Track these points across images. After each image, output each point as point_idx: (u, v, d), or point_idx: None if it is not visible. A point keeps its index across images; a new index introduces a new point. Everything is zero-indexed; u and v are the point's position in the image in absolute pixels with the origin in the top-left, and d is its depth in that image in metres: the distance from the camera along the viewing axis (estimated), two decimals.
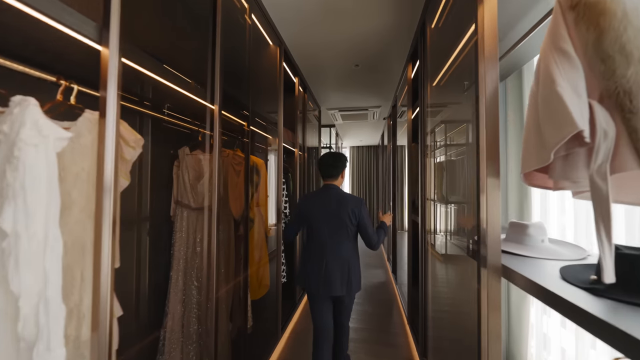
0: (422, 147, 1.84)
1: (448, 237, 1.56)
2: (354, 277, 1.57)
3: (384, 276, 3.85)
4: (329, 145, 5.17)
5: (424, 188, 1.77)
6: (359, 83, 3.07)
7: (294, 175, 2.68)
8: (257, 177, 1.77)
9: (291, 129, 2.70)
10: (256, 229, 1.85)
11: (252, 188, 1.74)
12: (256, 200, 1.85)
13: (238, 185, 1.56)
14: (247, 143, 1.60)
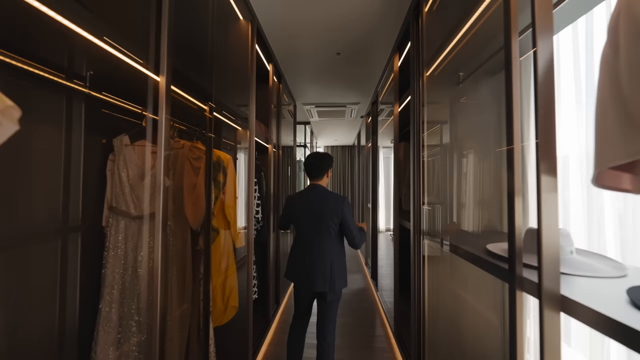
0: (417, 145, 1.64)
1: (450, 246, 1.36)
2: (337, 275, 1.59)
3: (362, 282, 3.66)
4: (304, 143, 4.89)
5: (419, 190, 1.56)
6: (340, 75, 2.84)
7: (268, 174, 2.36)
8: (223, 176, 1.44)
9: (264, 122, 2.38)
10: (222, 240, 1.51)
11: (217, 189, 1.41)
12: (222, 205, 1.52)
13: (197, 186, 1.22)
14: (209, 133, 1.27)
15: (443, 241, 1.38)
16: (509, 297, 0.79)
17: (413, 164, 1.66)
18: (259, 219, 2.07)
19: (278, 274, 2.74)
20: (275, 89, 2.70)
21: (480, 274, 1.54)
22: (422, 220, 1.61)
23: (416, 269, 1.62)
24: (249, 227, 1.75)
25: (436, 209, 1.55)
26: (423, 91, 1.55)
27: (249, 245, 1.74)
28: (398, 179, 2.14)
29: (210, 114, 1.27)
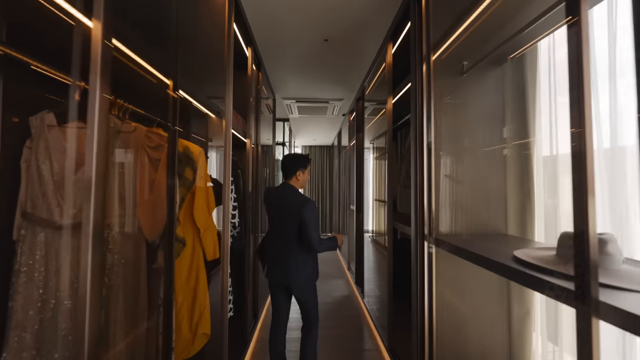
0: (418, 136, 1.45)
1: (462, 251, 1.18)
2: (297, 272, 1.62)
3: (346, 288, 3.45)
4: (283, 142, 4.61)
5: (421, 189, 1.38)
6: (325, 66, 2.62)
7: (246, 172, 2.07)
8: (192, 171, 1.15)
9: (242, 115, 2.10)
10: (190, 253, 1.22)
11: (184, 188, 1.12)
12: (190, 208, 1.22)
13: (156, 184, 0.93)
14: (174, 117, 0.98)
15: (455, 246, 1.20)
16: (578, 326, 0.61)
17: (415, 159, 1.48)
18: (236, 224, 1.78)
19: (256, 284, 2.44)
20: (254, 78, 2.41)
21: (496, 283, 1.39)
22: (424, 222, 1.43)
23: (419, 277, 1.43)
24: (224, 233, 1.47)
25: (443, 209, 1.38)
26: (430, 75, 1.37)
27: (224, 255, 1.45)
28: (391, 178, 1.96)
29: (175, 91, 0.98)
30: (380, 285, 2.50)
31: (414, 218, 1.48)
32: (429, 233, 1.33)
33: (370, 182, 3.37)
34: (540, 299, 1.36)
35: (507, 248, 1.29)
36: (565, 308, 1.22)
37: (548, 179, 1.37)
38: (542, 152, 1.39)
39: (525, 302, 1.41)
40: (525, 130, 1.46)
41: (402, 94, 1.95)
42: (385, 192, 2.74)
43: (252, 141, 2.32)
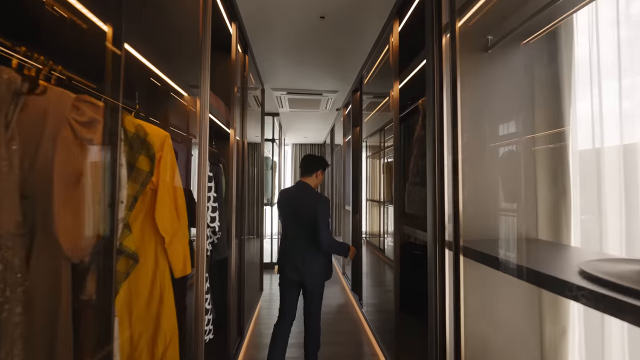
0: (437, 129, 1.21)
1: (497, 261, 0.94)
2: (309, 268, 1.66)
3: (341, 295, 3.19)
4: (273, 138, 4.31)
5: (451, 190, 1.12)
6: (321, 49, 2.35)
7: (228, 169, 1.78)
8: (148, 161, 0.85)
9: (225, 102, 1.80)
10: (150, 270, 0.93)
11: (136, 184, 0.82)
12: (149, 210, 0.93)
13: (86, 177, 0.63)
14: (114, 82, 0.68)
15: (491, 257, 0.96)
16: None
17: (433, 151, 1.23)
18: (216, 229, 1.49)
19: (241, 296, 2.14)
20: (239, 63, 2.12)
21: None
22: (445, 226, 1.18)
23: (438, 291, 1.18)
24: (198, 241, 1.17)
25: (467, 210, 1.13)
26: (455, 46, 1.12)
27: (199, 269, 1.16)
28: (400, 174, 1.71)
29: (118, 46, 0.68)
30: (381, 294, 2.25)
31: (432, 221, 1.22)
32: (454, 240, 1.08)
33: (363, 181, 3.13)
34: (578, 315, 1.13)
35: (553, 258, 1.06)
36: (613, 325, 1.00)
37: (588, 176, 1.15)
38: (579, 144, 1.17)
39: (561, 319, 1.19)
40: (559, 118, 1.23)
41: (411, 78, 1.70)
42: (380, 191, 2.50)
43: (238, 134, 2.02)
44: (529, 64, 1.27)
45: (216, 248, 1.56)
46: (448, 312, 1.17)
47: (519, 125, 1.27)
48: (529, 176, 1.24)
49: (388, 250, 2.32)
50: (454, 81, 1.11)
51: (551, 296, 1.16)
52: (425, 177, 1.54)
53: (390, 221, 2.31)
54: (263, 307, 2.87)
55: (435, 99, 1.23)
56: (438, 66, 1.23)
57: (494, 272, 1.05)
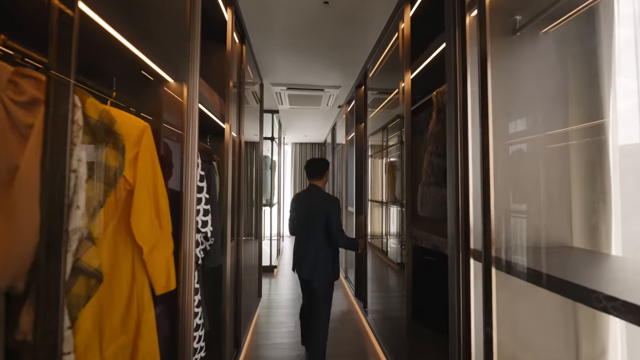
0: (460, 121, 1.05)
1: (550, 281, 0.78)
2: (321, 266, 1.78)
3: (344, 301, 3.04)
4: (272, 136, 4.16)
5: (481, 191, 0.97)
6: (323, 40, 2.19)
7: (223, 167, 1.62)
8: (117, 155, 0.69)
9: (220, 94, 1.64)
10: (126, 287, 0.77)
11: (99, 183, 0.66)
12: (122, 215, 0.77)
13: (23, 173, 0.47)
14: (62, 50, 0.52)
15: (540, 273, 0.81)
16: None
17: (455, 146, 1.07)
18: (208, 234, 1.33)
19: (238, 306, 1.99)
20: (236, 53, 1.96)
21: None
22: (470, 232, 1.03)
23: (461, 305, 1.03)
24: (187, 249, 1.01)
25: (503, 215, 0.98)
26: (484, 23, 0.96)
27: (186, 283, 1.00)
28: (410, 173, 1.55)
29: (69, 5, 0.53)
30: (388, 301, 2.10)
31: (454, 227, 1.07)
32: (484, 249, 0.93)
33: (368, 181, 2.98)
34: (620, 334, 0.99)
35: (592, 269, 0.91)
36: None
37: (632, 175, 1.00)
38: (621, 138, 1.02)
39: (600, 339, 1.03)
40: (597, 109, 1.07)
41: (423, 68, 1.55)
42: (382, 192, 2.36)
43: (234, 129, 1.86)
44: (562, 48, 1.12)
45: (209, 256, 1.40)
46: (474, 333, 1.01)
47: (550, 118, 1.12)
48: (562, 175, 1.09)
49: (391, 252, 2.18)
50: (483, 65, 0.96)
51: (588, 312, 1.02)
52: (442, 176, 1.39)
53: (392, 222, 2.18)
54: (262, 314, 2.71)
55: (457, 88, 1.08)
56: (461, 50, 1.08)
57: (522, 285, 0.90)
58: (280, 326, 2.47)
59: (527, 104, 1.11)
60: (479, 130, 0.97)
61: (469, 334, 1.02)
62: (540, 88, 1.11)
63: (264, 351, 2.09)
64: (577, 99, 1.10)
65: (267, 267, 3.94)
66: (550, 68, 1.11)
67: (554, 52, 1.12)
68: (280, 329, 2.42)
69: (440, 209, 1.36)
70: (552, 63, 1.12)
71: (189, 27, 1.10)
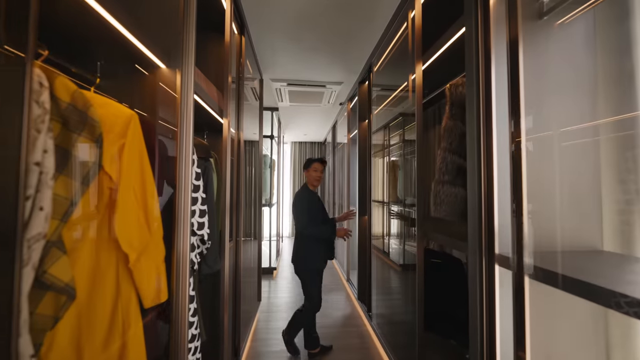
0: (484, 113, 0.96)
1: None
2: (296, 256, 2.06)
3: (346, 305, 2.93)
4: (272, 134, 4.05)
5: (516, 192, 0.87)
6: (326, 31, 2.09)
7: (221, 165, 1.51)
8: (94, 146, 0.59)
9: (218, 87, 1.54)
10: (110, 301, 0.67)
11: (71, 180, 0.56)
12: (105, 218, 0.67)
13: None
14: (22, 17, 0.42)
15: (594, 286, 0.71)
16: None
17: (477, 142, 0.98)
18: (204, 237, 1.22)
19: (237, 311, 1.88)
20: (235, 45, 1.86)
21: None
22: (494, 236, 0.93)
23: (485, 315, 0.93)
24: (178, 254, 0.91)
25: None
26: (516, 3, 0.86)
27: (179, 292, 0.89)
28: (422, 171, 1.45)
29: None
30: (394, 305, 2.00)
31: (475, 230, 0.97)
32: (516, 256, 0.83)
33: (372, 180, 2.88)
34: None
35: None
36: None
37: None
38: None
39: (633, 348, 0.95)
40: (630, 101, 0.98)
41: (435, 59, 1.45)
42: (384, 192, 2.27)
43: (233, 125, 1.76)
44: (593, 34, 1.02)
45: (205, 260, 1.30)
46: (500, 343, 0.92)
47: (578, 111, 1.03)
48: (592, 173, 1.00)
49: (393, 253, 2.09)
50: (514, 51, 0.86)
51: (621, 321, 0.93)
52: (457, 174, 1.29)
53: (394, 223, 2.09)
54: (261, 319, 2.61)
55: (480, 78, 0.98)
56: (483, 35, 0.98)
57: (550, 293, 0.81)
58: (280, 332, 2.36)
59: (553, 97, 1.01)
60: (507, 124, 0.87)
61: (494, 352, 0.92)
62: (568, 79, 1.02)
63: (265, 359, 1.98)
64: (607, 91, 1.00)
65: (266, 268, 3.83)
66: (579, 57, 1.02)
67: (583, 38, 1.03)
68: (280, 335, 2.31)
69: (457, 209, 1.27)
70: (581, 51, 1.02)
71: (184, 9, 0.99)
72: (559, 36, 1.03)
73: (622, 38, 0.96)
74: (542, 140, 0.99)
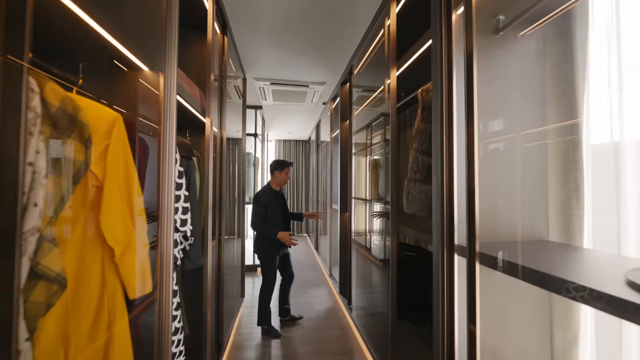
0: (446, 118, 1.06)
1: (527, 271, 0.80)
2: (255, 245, 2.40)
3: (328, 299, 3.03)
4: (255, 133, 4.06)
5: (465, 188, 0.97)
6: (308, 36, 2.15)
7: (204, 163, 1.55)
8: (82, 147, 0.63)
9: (200, 86, 1.57)
10: (96, 294, 0.72)
11: (61, 179, 0.60)
12: (91, 214, 0.71)
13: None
14: (18, 28, 0.46)
15: (527, 269, 0.82)
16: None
17: (440, 143, 1.08)
18: (187, 233, 1.26)
19: (220, 307, 1.92)
20: (217, 43, 1.88)
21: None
22: (454, 229, 1.04)
23: (446, 299, 1.04)
24: (161, 249, 0.95)
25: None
26: (471, 18, 0.97)
27: (163, 284, 0.94)
28: (395, 170, 1.55)
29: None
30: (372, 297, 2.11)
31: (439, 223, 1.08)
32: (468, 245, 0.94)
33: (352, 178, 2.98)
34: (590, 322, 1.04)
35: (574, 263, 0.94)
36: (632, 334, 0.91)
37: (603, 173, 1.05)
38: (593, 137, 1.07)
39: (572, 327, 1.09)
40: (572, 109, 1.12)
41: (409, 65, 1.55)
42: (366, 189, 2.37)
43: (215, 124, 1.79)
44: (542, 49, 1.15)
45: (188, 256, 1.34)
46: (458, 329, 1.03)
47: (529, 117, 1.15)
48: (541, 172, 1.13)
49: (374, 249, 2.20)
50: (469, 63, 0.96)
51: (562, 302, 1.06)
52: (427, 173, 1.40)
53: (376, 219, 2.20)
54: (245, 314, 2.65)
55: (443, 85, 1.08)
56: (447, 47, 1.08)
57: (499, 277, 0.92)
58: None
59: (508, 103, 1.13)
60: (464, 128, 0.98)
61: (453, 330, 1.03)
62: (521, 88, 1.14)
63: (248, 353, 2.04)
64: (554, 99, 1.13)
65: (250, 266, 3.86)
66: (530, 68, 1.14)
67: (534, 52, 1.15)
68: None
69: (426, 205, 1.37)
70: (532, 64, 1.14)
71: (166, 11, 1.03)
72: (513, 50, 1.15)
73: (567, 53, 1.09)
74: (496, 142, 1.11)
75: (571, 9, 1.07)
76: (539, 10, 1.06)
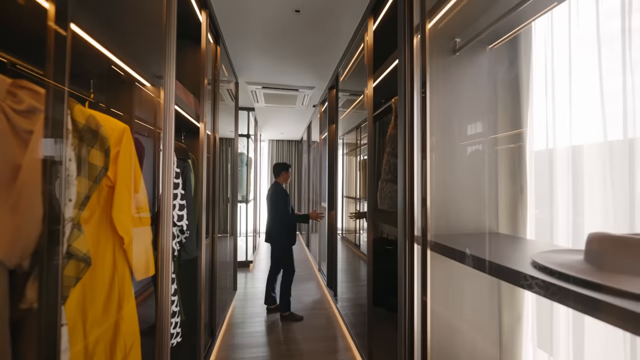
0: (408, 127, 1.23)
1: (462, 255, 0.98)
2: (275, 235, 2.61)
3: (317, 292, 3.21)
4: (248, 134, 4.21)
5: (419, 187, 1.15)
6: (296, 45, 2.31)
7: (198, 164, 1.70)
8: (102, 155, 0.79)
9: (195, 93, 1.72)
10: (108, 274, 0.87)
11: (89, 180, 0.76)
12: (104, 209, 0.86)
13: (24, 173, 0.57)
14: (58, 66, 0.62)
15: (458, 252, 1.00)
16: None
17: (404, 149, 1.26)
18: (183, 228, 1.42)
19: (213, 295, 2.08)
20: (211, 52, 2.03)
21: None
22: (414, 222, 1.22)
23: (407, 285, 1.22)
24: (163, 241, 1.11)
25: (433, 207, 1.17)
26: (424, 47, 1.14)
27: (163, 270, 1.10)
28: (372, 171, 1.73)
29: (62, 25, 0.62)
30: (355, 289, 2.29)
31: (402, 217, 1.25)
32: (422, 234, 1.12)
33: (340, 178, 3.16)
34: (531, 303, 1.23)
35: (510, 251, 1.12)
36: (560, 313, 1.09)
37: (542, 175, 1.24)
38: (535, 145, 1.26)
39: (516, 307, 1.28)
40: (518, 120, 1.31)
41: (385, 77, 1.73)
42: (357, 188, 2.54)
43: (209, 128, 1.94)
44: (493, 68, 1.33)
45: (184, 248, 1.49)
46: (416, 304, 1.21)
47: (483, 126, 1.34)
48: (492, 174, 1.31)
49: (363, 245, 2.37)
50: (423, 82, 1.14)
51: (509, 286, 1.25)
52: (397, 174, 1.58)
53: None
54: (237, 306, 2.81)
55: (406, 99, 1.26)
56: (409, 66, 1.26)
57: (459, 265, 1.10)
58: (255, 316, 2.59)
59: (464, 113, 1.31)
60: (419, 137, 1.15)
61: (413, 304, 1.21)
62: (475, 100, 1.32)
63: (239, 339, 2.20)
64: (503, 111, 1.32)
65: (243, 262, 4.01)
66: (483, 84, 1.32)
67: (486, 70, 1.33)
68: (255, 319, 2.54)
69: (396, 202, 1.55)
70: (485, 80, 1.33)
71: (165, 33, 1.18)
72: (468, 68, 1.33)
73: (513, 71, 1.28)
74: (452, 148, 1.29)
75: (517, 34, 1.26)
76: (489, 34, 1.24)
